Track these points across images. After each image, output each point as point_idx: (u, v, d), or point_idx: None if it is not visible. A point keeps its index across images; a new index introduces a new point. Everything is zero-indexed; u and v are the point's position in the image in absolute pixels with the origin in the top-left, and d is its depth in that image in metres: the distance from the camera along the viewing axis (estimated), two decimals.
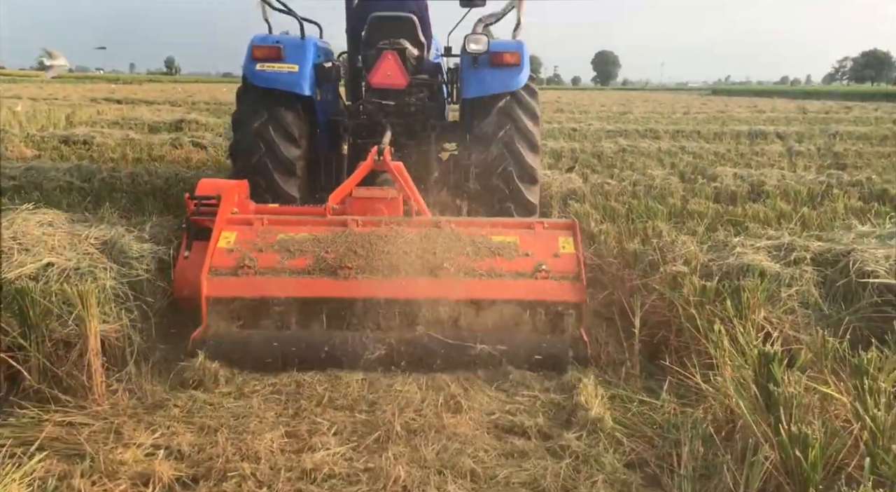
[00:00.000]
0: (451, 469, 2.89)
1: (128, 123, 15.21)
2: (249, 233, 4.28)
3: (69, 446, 3.08)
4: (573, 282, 4.07)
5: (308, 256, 4.17)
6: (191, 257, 4.21)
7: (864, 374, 2.53)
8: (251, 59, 5.48)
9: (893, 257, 4.02)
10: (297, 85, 5.47)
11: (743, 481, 2.28)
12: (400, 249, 4.18)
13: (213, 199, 4.32)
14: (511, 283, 4.08)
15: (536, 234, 4.37)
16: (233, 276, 4.06)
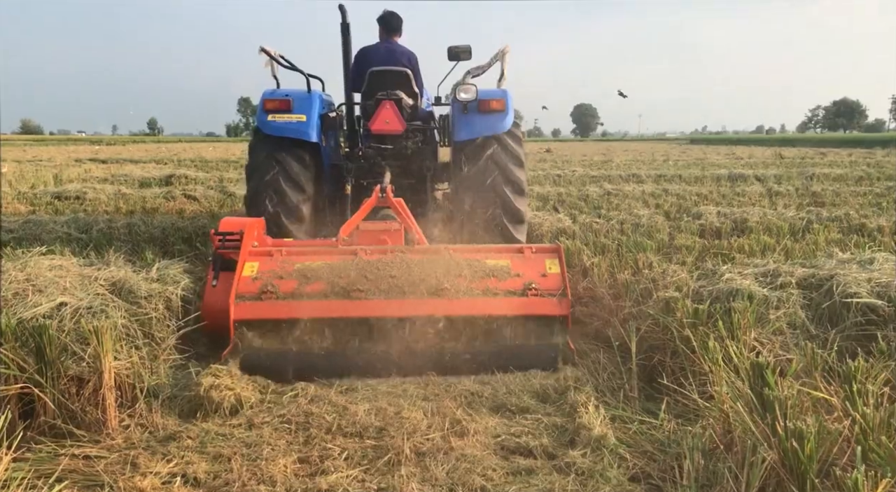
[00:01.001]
0: (461, 486, 2.99)
1: (117, 179, 15.37)
2: (270, 263, 4.76)
3: (87, 477, 3.15)
4: (559, 298, 4.57)
5: (323, 281, 4.63)
6: (218, 286, 4.64)
7: (853, 379, 2.69)
8: (263, 111, 6.07)
9: (874, 280, 4.21)
10: (305, 133, 6.05)
11: (744, 480, 2.40)
12: (405, 274, 4.65)
13: (236, 234, 4.75)
14: (505, 300, 4.57)
15: (526, 257, 4.86)
16: (257, 300, 4.52)
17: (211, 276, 4.72)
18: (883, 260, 4.61)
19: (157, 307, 4.28)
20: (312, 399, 3.96)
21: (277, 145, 6.04)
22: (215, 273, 4.71)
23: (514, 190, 6.01)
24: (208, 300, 4.61)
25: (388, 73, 6.54)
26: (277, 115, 6.05)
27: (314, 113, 6.16)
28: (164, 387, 4.02)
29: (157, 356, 4.23)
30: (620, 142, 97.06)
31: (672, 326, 3.92)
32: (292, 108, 6.08)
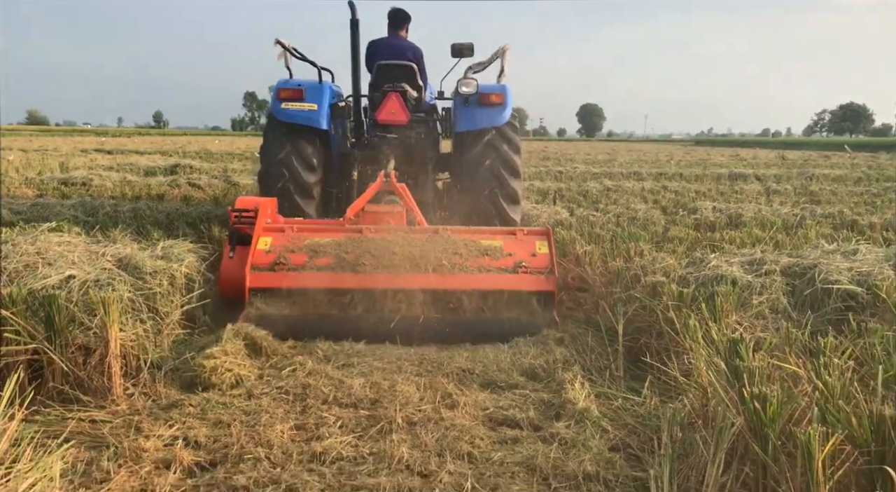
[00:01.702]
0: (450, 452, 3.14)
1: (123, 167, 15.53)
2: (282, 238, 5.20)
3: (93, 438, 3.31)
4: (547, 275, 5.01)
5: (331, 256, 5.07)
6: (234, 258, 5.02)
7: (821, 354, 2.83)
8: (277, 99, 6.49)
9: (855, 269, 4.35)
10: (316, 121, 6.47)
11: (713, 443, 2.54)
12: (406, 251, 5.06)
13: (251, 211, 5.13)
14: (498, 276, 5.02)
15: (517, 239, 5.29)
16: (270, 271, 4.97)
17: (228, 249, 5.07)
18: (866, 251, 4.75)
19: (162, 283, 4.43)
20: (310, 373, 4.11)
21: (290, 131, 6.43)
22: (232, 246, 5.06)
23: (511, 172, 6.42)
24: (225, 270, 4.98)
25: (395, 67, 6.91)
26: (290, 104, 6.44)
27: (325, 102, 6.54)
28: (167, 360, 4.16)
29: (160, 331, 4.38)
30: (626, 142, 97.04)
31: (657, 309, 4.06)
32: (304, 97, 6.47)
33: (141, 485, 2.86)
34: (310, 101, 6.49)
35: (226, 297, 5.04)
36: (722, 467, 2.54)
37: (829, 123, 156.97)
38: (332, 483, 2.88)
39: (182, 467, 3.01)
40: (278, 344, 4.51)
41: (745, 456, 2.51)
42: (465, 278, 4.96)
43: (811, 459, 2.10)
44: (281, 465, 3.03)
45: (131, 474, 2.93)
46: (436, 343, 4.63)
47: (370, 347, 4.61)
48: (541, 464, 3.02)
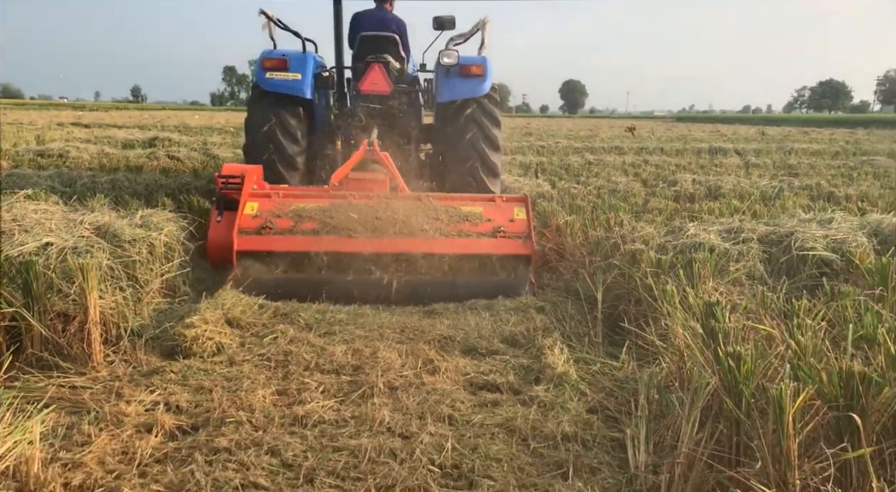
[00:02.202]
0: (430, 415, 3.17)
1: (100, 140, 15.34)
2: (269, 204, 5.35)
3: (73, 403, 3.31)
4: (525, 240, 5.23)
5: (316, 221, 5.23)
6: (222, 222, 5.17)
7: (795, 316, 2.88)
8: (262, 68, 6.59)
9: (830, 237, 4.41)
10: (300, 90, 6.58)
11: (688, 402, 2.59)
12: (389, 216, 5.25)
13: (237, 177, 5.27)
14: (477, 241, 5.24)
15: (496, 205, 5.50)
16: (257, 235, 5.14)
17: (215, 214, 5.21)
18: (841, 219, 4.82)
19: (141, 251, 4.40)
20: (292, 341, 4.12)
21: (274, 101, 6.54)
22: (219, 211, 5.21)
23: (491, 146, 6.58)
24: (213, 234, 5.14)
25: (378, 38, 6.99)
26: (275, 73, 6.54)
27: (309, 72, 6.65)
28: (147, 328, 4.14)
29: (140, 299, 4.37)
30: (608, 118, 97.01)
31: (636, 276, 4.10)
32: (289, 66, 6.57)
33: (122, 448, 2.86)
34: (294, 71, 6.57)
35: (214, 260, 5.19)
36: (697, 425, 2.59)
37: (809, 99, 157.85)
38: (314, 445, 2.90)
39: (163, 431, 3.02)
40: (258, 316, 4.51)
41: (720, 414, 2.56)
42: (446, 242, 5.17)
43: (782, 413, 2.15)
44: (263, 428, 3.05)
45: (112, 437, 2.94)
46: (418, 303, 4.83)
47: (352, 315, 4.63)
48: (520, 425, 3.06)
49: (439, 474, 2.69)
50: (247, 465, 2.73)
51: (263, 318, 4.51)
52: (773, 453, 2.19)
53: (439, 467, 2.74)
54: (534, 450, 2.90)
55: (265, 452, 2.84)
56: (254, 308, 4.60)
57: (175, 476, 2.65)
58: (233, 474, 2.65)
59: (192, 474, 2.64)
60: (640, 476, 2.65)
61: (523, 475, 2.69)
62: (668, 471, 2.52)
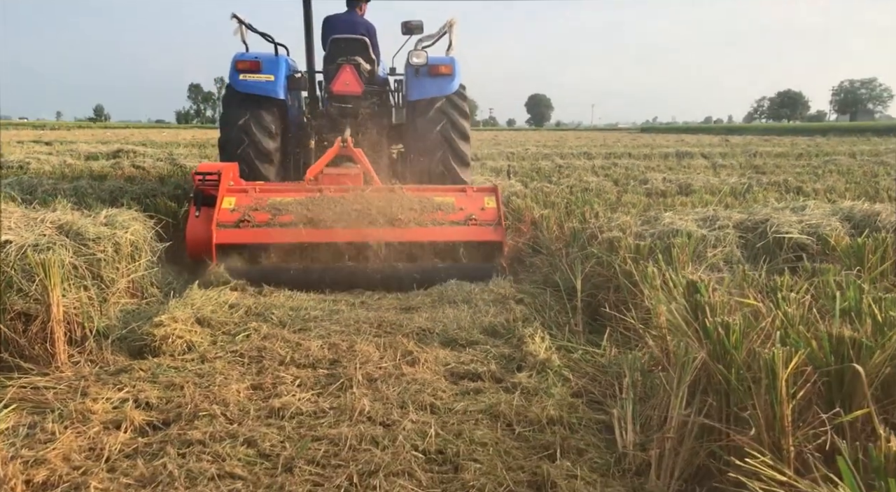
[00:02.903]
0: (412, 404, 3.08)
1: (62, 153, 14.99)
2: (246, 198, 5.49)
3: (36, 404, 3.15)
4: (495, 227, 5.46)
5: (293, 213, 5.37)
6: (200, 217, 5.29)
7: (779, 289, 2.85)
8: (235, 70, 6.75)
9: (805, 222, 4.42)
10: (273, 91, 6.75)
11: (676, 377, 2.54)
12: (365, 207, 5.42)
13: (214, 174, 5.42)
14: (450, 228, 5.45)
15: (468, 195, 5.74)
16: (235, 228, 5.28)
17: (193, 209, 5.32)
18: (814, 207, 4.84)
19: (106, 250, 4.25)
20: (265, 337, 4.00)
21: (248, 101, 6.71)
22: (197, 207, 5.32)
23: (460, 136, 6.83)
24: (192, 228, 5.25)
25: (349, 41, 7.18)
26: (248, 75, 6.72)
27: (281, 74, 6.84)
28: (113, 329, 3.99)
29: (106, 299, 4.21)
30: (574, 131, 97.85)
31: (615, 263, 4.06)
32: (261, 68, 6.76)
33: (89, 444, 2.73)
34: (266, 73, 6.74)
35: (193, 254, 5.29)
36: (685, 400, 2.53)
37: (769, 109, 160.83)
38: (292, 435, 2.80)
39: (133, 427, 2.88)
40: (229, 316, 4.39)
41: (709, 387, 2.51)
42: (420, 231, 5.37)
43: (775, 378, 2.10)
44: (238, 421, 2.94)
45: (78, 434, 2.80)
46: (395, 288, 5.05)
47: (327, 312, 4.52)
48: (504, 411, 2.99)
49: (423, 460, 2.60)
50: (222, 456, 2.61)
51: (235, 317, 4.38)
52: (766, 418, 2.14)
53: (423, 453, 2.65)
54: (519, 434, 2.83)
55: (241, 443, 2.72)
56: (224, 307, 4.48)
57: (146, 470, 2.53)
58: (207, 464, 2.54)
59: (165, 466, 2.52)
60: (628, 455, 2.59)
61: (510, 459, 2.62)
62: (657, 446, 2.46)
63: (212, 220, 5.23)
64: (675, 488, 2.35)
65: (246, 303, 4.63)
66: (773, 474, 2.06)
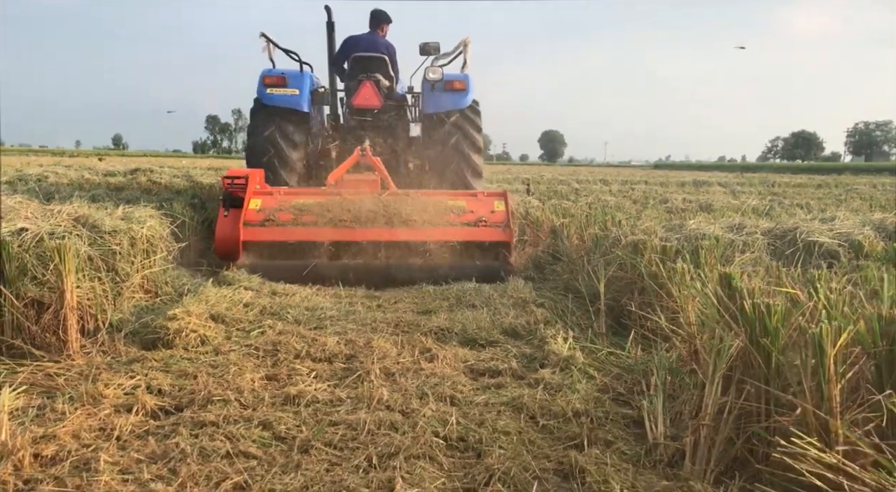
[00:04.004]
0: (431, 395, 2.97)
1: (81, 169, 15.06)
2: (271, 200, 5.83)
3: (47, 388, 3.07)
4: (504, 228, 5.75)
5: (314, 214, 5.70)
6: (229, 217, 5.60)
7: (817, 280, 2.75)
8: (263, 85, 7.16)
9: (836, 231, 4.31)
10: (298, 104, 7.16)
11: (711, 364, 2.42)
12: (381, 209, 5.72)
13: (242, 177, 5.75)
14: (462, 229, 5.75)
15: (478, 199, 6.06)
16: (261, 227, 5.62)
17: (222, 211, 5.64)
18: (844, 218, 4.74)
19: (122, 243, 4.19)
20: (281, 333, 3.91)
21: (274, 113, 7.11)
22: (226, 208, 5.64)
23: (473, 148, 7.22)
24: (220, 227, 5.58)
25: (369, 58, 7.56)
26: (275, 89, 7.13)
27: (305, 88, 7.23)
28: (127, 322, 3.92)
29: (120, 293, 4.15)
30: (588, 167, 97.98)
31: (640, 266, 3.96)
32: (287, 83, 7.15)
33: (99, 424, 2.64)
34: (292, 87, 7.14)
35: (221, 252, 5.58)
36: (720, 389, 2.42)
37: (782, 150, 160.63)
38: (309, 420, 2.69)
39: (145, 410, 2.79)
40: (244, 314, 4.30)
41: (746, 375, 2.39)
42: (433, 231, 5.66)
43: (823, 355, 1.99)
44: (252, 406, 2.84)
45: (89, 415, 2.71)
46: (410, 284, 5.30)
47: (343, 312, 4.44)
48: (527, 403, 2.87)
49: (444, 446, 2.49)
50: (236, 437, 2.51)
51: (250, 315, 4.30)
52: (812, 400, 2.02)
53: (444, 439, 2.54)
54: (543, 426, 2.71)
55: (256, 426, 2.62)
56: (239, 306, 4.40)
57: (158, 448, 2.43)
58: (221, 444, 2.44)
59: (177, 445, 2.43)
60: (660, 445, 2.47)
61: (535, 448, 2.50)
62: (692, 433, 2.34)
63: (239, 219, 5.54)
64: (712, 475, 2.22)
65: (261, 302, 4.56)
66: (820, 457, 1.94)
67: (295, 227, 5.64)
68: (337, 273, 5.38)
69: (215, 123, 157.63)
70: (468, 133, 7.20)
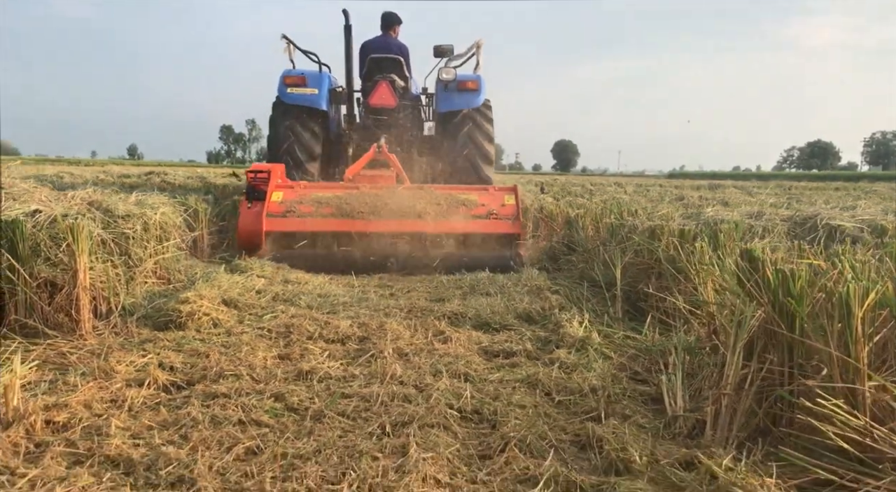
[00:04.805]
0: (445, 372, 2.92)
1: (97, 172, 15.20)
2: (292, 193, 6.12)
3: (59, 365, 3.05)
4: (513, 221, 5.98)
5: (333, 206, 5.97)
6: (252, 208, 5.86)
7: (838, 255, 2.69)
8: (283, 84, 7.47)
9: (858, 217, 4.24)
10: (317, 102, 7.48)
11: (733, 334, 2.37)
12: (397, 202, 5.93)
13: (265, 171, 6.05)
14: (473, 222, 5.97)
15: (489, 193, 6.29)
16: (283, 218, 5.87)
17: (246, 202, 5.91)
18: (865, 206, 4.66)
19: (135, 227, 4.19)
20: (293, 316, 3.87)
21: (294, 110, 7.45)
22: (249, 200, 5.90)
23: (485, 137, 7.52)
24: (244, 218, 5.84)
25: (385, 60, 7.88)
26: (295, 88, 7.42)
27: (324, 88, 7.52)
28: (139, 307, 3.90)
29: (133, 278, 4.13)
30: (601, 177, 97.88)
31: (657, 250, 3.90)
32: (307, 83, 7.46)
33: (111, 396, 2.61)
34: (311, 87, 7.44)
35: (244, 241, 5.80)
36: (741, 359, 2.36)
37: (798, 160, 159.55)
38: (322, 394, 2.65)
39: (156, 385, 2.76)
40: (256, 300, 4.28)
41: (769, 346, 2.33)
42: (445, 223, 5.88)
43: (850, 316, 1.94)
44: (264, 381, 2.80)
45: (101, 388, 2.69)
46: (423, 272, 5.46)
47: (356, 299, 4.41)
48: (543, 380, 2.83)
49: (458, 417, 2.45)
50: (248, 407, 2.48)
51: (262, 301, 4.27)
52: (839, 362, 1.96)
53: (458, 411, 2.49)
54: (559, 402, 2.66)
55: (268, 397, 2.59)
56: (251, 292, 4.38)
57: (169, 416, 2.40)
58: (233, 412, 2.41)
59: (189, 413, 2.40)
60: (679, 418, 2.41)
61: (550, 420, 2.45)
62: (713, 403, 2.28)
63: (262, 211, 5.81)
64: (734, 443, 2.16)
65: (273, 289, 4.53)
66: (847, 419, 1.88)
67: (314, 218, 5.89)
68: (353, 261, 5.57)
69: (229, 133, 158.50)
70: (480, 123, 7.51)
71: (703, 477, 1.89)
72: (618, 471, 2.06)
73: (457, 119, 7.57)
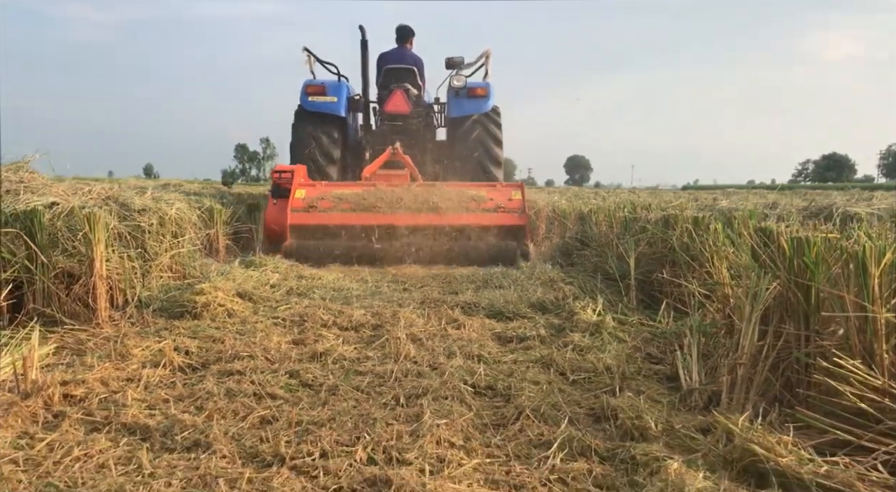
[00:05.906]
0: (459, 353, 2.92)
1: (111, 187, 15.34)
2: (314, 191, 6.58)
3: (76, 349, 3.07)
4: (520, 214, 6.35)
5: (352, 202, 6.38)
6: (277, 204, 6.34)
7: (854, 230, 2.67)
8: (305, 93, 7.94)
9: (874, 207, 4.22)
10: (337, 109, 7.94)
11: (748, 304, 2.36)
12: (411, 198, 6.37)
13: (289, 171, 6.59)
14: (482, 215, 6.34)
15: (497, 189, 6.70)
16: (306, 212, 6.31)
17: (272, 199, 6.43)
18: (881, 197, 4.63)
19: (151, 222, 4.23)
20: (308, 307, 3.89)
21: (315, 117, 7.90)
22: (275, 197, 6.40)
23: (494, 141, 7.95)
24: (270, 213, 6.34)
25: (399, 70, 8.30)
26: (316, 97, 7.87)
27: (343, 96, 7.98)
28: (155, 299, 3.92)
29: (149, 271, 4.17)
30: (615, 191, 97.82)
31: (671, 240, 3.89)
32: (327, 92, 7.90)
33: (128, 376, 2.62)
34: (331, 95, 7.89)
35: (270, 235, 6.27)
36: (757, 332, 2.35)
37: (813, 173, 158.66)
38: (336, 372, 2.66)
39: (172, 366, 2.78)
40: (271, 293, 4.29)
41: (785, 316, 2.31)
42: (456, 216, 6.24)
43: (867, 276, 1.92)
44: (279, 361, 2.81)
45: (117, 368, 2.71)
46: (437, 262, 5.86)
47: (369, 292, 4.42)
48: (557, 361, 2.82)
49: (472, 392, 2.44)
50: (263, 382, 2.49)
51: (276, 294, 4.29)
52: (857, 323, 1.95)
53: (472, 386, 2.49)
54: (574, 381, 2.65)
55: (283, 375, 2.60)
56: (266, 286, 4.40)
57: (185, 391, 2.42)
58: (248, 386, 2.42)
59: (204, 388, 2.41)
60: (694, 391, 2.40)
61: (565, 395, 2.43)
62: (728, 373, 2.27)
63: (286, 207, 6.24)
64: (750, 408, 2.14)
65: (288, 284, 4.56)
66: (865, 378, 1.86)
67: (335, 212, 6.30)
68: (370, 252, 5.96)
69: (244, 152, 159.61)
70: (489, 127, 7.93)
71: (718, 437, 1.88)
72: (633, 437, 2.04)
73: (467, 124, 7.97)
